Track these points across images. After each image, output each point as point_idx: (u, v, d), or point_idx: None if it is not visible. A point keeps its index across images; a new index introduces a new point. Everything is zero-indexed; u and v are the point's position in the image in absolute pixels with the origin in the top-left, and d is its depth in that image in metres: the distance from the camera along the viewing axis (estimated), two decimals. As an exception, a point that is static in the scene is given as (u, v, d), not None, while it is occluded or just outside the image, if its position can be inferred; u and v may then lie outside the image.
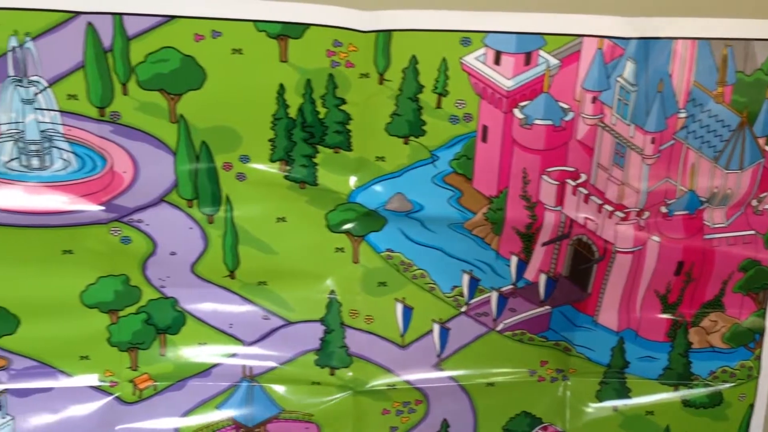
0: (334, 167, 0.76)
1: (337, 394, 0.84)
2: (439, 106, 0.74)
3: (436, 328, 0.83)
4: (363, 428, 0.86)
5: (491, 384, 0.86)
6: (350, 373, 0.83)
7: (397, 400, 0.85)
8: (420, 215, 0.78)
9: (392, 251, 0.80)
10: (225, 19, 0.68)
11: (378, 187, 0.77)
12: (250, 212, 0.77)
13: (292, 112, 0.73)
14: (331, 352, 0.83)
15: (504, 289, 0.82)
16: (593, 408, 0.87)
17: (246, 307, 0.81)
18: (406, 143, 0.75)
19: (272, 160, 0.75)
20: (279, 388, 0.84)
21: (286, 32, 0.69)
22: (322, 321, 0.82)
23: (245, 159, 0.74)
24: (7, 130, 0.69)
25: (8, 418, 0.80)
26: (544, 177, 0.77)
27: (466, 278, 0.82)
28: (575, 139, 0.76)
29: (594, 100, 0.74)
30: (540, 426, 0.86)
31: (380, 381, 0.84)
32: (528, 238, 0.80)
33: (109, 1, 0.65)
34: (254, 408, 0.83)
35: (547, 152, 0.76)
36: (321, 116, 0.73)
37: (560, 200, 0.78)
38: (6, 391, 0.80)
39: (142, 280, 0.78)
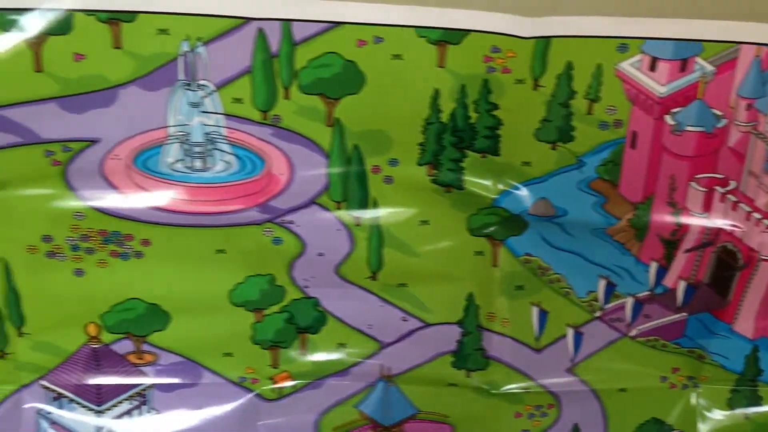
0: (480, 171, 0.77)
1: (473, 396, 0.85)
2: (589, 112, 0.74)
3: (570, 332, 0.84)
4: (496, 431, 0.85)
5: (623, 389, 0.86)
6: (486, 376, 0.83)
7: (529, 403, 0.85)
8: (562, 220, 0.79)
9: (531, 255, 0.81)
10: (388, 25, 0.69)
11: (522, 192, 0.78)
12: (395, 215, 0.78)
13: (444, 117, 0.74)
14: (467, 355, 0.84)
15: (640, 295, 0.82)
16: (723, 416, 0.87)
17: (385, 309, 0.82)
18: (553, 149, 0.76)
19: (420, 164, 0.76)
20: (415, 389, 0.85)
21: (446, 38, 0.70)
22: (459, 323, 0.82)
23: (394, 162, 0.76)
24: (174, 132, 0.71)
25: (153, 412, 0.82)
26: (692, 184, 0.77)
27: (602, 283, 0.82)
28: (726, 146, 0.75)
29: (749, 107, 0.74)
30: (670, 433, 0.86)
31: (515, 384, 0.85)
32: (671, 244, 0.80)
33: (280, 8, 0.67)
34: (391, 408, 0.84)
35: (697, 159, 0.76)
36: (472, 121, 0.74)
37: (707, 207, 0.78)
38: (153, 385, 0.81)
39: (287, 280, 0.79)
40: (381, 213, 0.78)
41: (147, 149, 0.72)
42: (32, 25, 0.65)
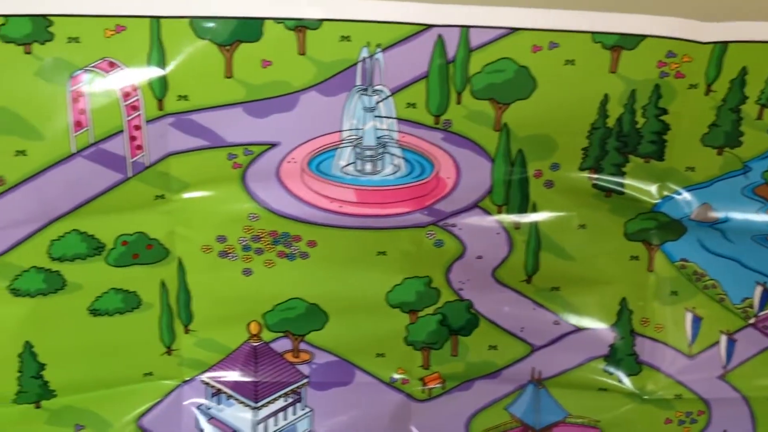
0: (642, 176, 0.77)
1: (624, 402, 0.84)
2: (759, 117, 0.74)
3: (723, 339, 0.83)
4: (646, 436, 0.85)
5: (774, 397, 0.84)
6: (638, 381, 0.83)
7: (680, 409, 0.85)
8: (723, 226, 0.79)
9: (686, 261, 0.80)
10: (564, 31, 0.69)
11: (684, 197, 0.78)
12: (553, 219, 0.78)
13: (610, 122, 0.74)
14: (620, 359, 0.84)
15: (797, 302, 0.81)
16: None
17: (538, 312, 0.82)
18: (719, 154, 0.76)
19: (581, 169, 0.76)
20: (566, 393, 0.85)
21: (622, 43, 0.70)
22: (612, 328, 0.82)
23: (555, 167, 0.76)
24: (348, 136, 0.73)
25: (307, 410, 0.84)
26: None
27: (758, 290, 0.81)
28: None
29: None
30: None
31: (667, 390, 0.84)
32: (834, 252, 0.79)
33: (460, 15, 0.68)
34: (541, 411, 0.85)
35: None
36: (638, 126, 0.74)
37: None
38: (308, 383, 0.82)
39: (443, 282, 0.80)
40: (540, 217, 0.79)
41: (321, 153, 0.74)
42: (226, 32, 0.66)
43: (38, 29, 0.64)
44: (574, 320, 0.83)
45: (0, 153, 0.67)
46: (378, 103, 0.72)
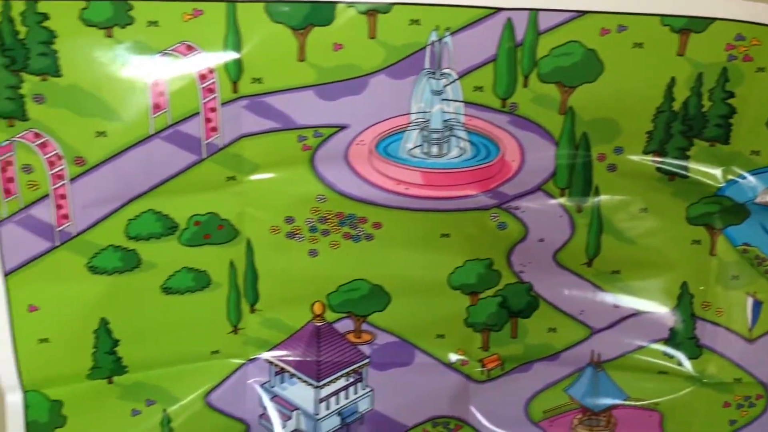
0: (706, 160, 0.77)
1: (684, 385, 0.85)
2: (828, 100, 0.73)
3: (784, 323, 0.83)
4: (704, 420, 0.86)
5: (834, 381, 0.84)
6: (698, 365, 0.83)
7: (739, 393, 0.85)
8: (787, 210, 0.78)
9: (749, 245, 0.80)
10: (633, 14, 0.70)
11: (749, 181, 0.78)
12: (616, 202, 0.79)
13: (676, 106, 0.74)
14: (680, 343, 0.84)
15: None
16: None
17: (598, 295, 0.82)
18: (785, 138, 0.75)
19: (645, 152, 0.77)
20: (625, 376, 0.85)
21: (690, 26, 0.70)
22: (673, 311, 0.82)
23: (619, 150, 0.76)
24: (415, 119, 0.74)
25: (368, 389, 0.85)
26: None
27: (820, 274, 0.81)
28: None
29: None
30: None
31: (726, 374, 0.85)
32: None
33: (530, -2, 0.69)
34: (600, 393, 0.85)
35: None
36: (704, 110, 0.74)
37: None
38: (369, 363, 0.84)
39: (503, 265, 0.81)
40: (602, 200, 0.79)
41: (389, 135, 0.75)
42: (299, 16, 0.68)
43: (119, 13, 0.66)
44: (634, 304, 0.83)
45: (81, 134, 0.69)
46: (446, 86, 0.73)
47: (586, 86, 0.73)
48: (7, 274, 0.72)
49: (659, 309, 0.84)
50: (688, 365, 0.85)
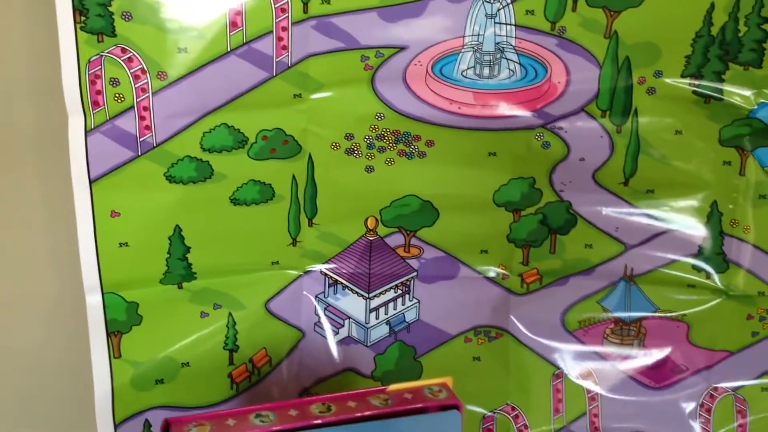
0: (740, 83, 0.82)
1: (711, 297, 0.90)
2: None
3: (807, 240, 0.88)
4: (728, 331, 0.92)
5: None
6: (725, 279, 0.89)
7: (762, 306, 0.90)
8: (816, 132, 0.83)
9: (777, 166, 0.85)
10: (676, -58, 0.74)
11: (780, 104, 0.82)
12: (653, 124, 0.84)
13: (714, 30, 0.79)
14: (708, 258, 0.89)
15: None
16: None
17: (633, 213, 0.88)
18: (816, 61, 0.80)
19: (683, 76, 0.82)
20: (656, 289, 0.91)
21: (730, -47, 0.75)
22: (703, 228, 0.88)
23: (658, 74, 0.81)
24: (470, 41, 0.79)
25: (415, 301, 0.91)
26: None
27: (843, 193, 0.86)
28: None
29: None
30: None
31: (751, 287, 0.90)
32: None
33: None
34: (632, 305, 0.91)
35: None
36: (740, 34, 0.79)
37: None
38: (416, 276, 0.90)
39: (545, 183, 0.86)
40: (641, 121, 0.84)
41: (444, 57, 0.80)
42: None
43: (200, -64, 0.71)
44: (667, 221, 0.88)
45: (164, 50, 0.74)
46: (499, 10, 0.78)
47: (631, 11, 0.78)
48: (92, 182, 0.77)
49: (690, 226, 0.89)
50: (716, 278, 0.90)
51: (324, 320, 0.90)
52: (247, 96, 0.77)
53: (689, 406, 0.92)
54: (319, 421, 0.59)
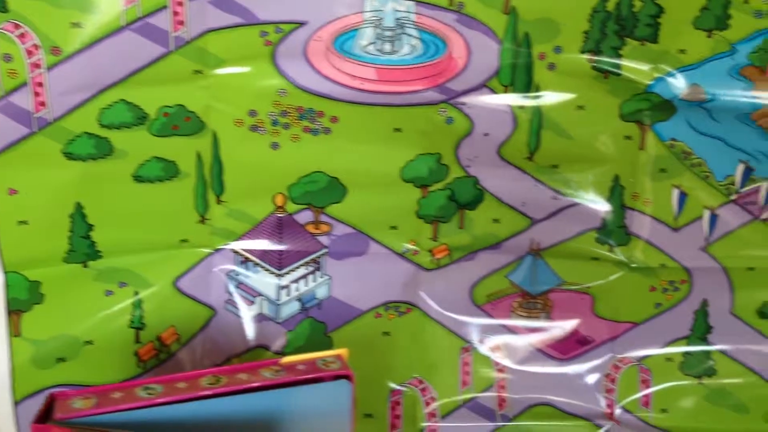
0: (637, 58, 0.84)
1: (614, 270, 0.93)
2: (746, 1, 0.81)
3: (707, 214, 0.91)
4: (631, 302, 0.94)
5: (751, 268, 0.93)
6: (627, 251, 0.91)
7: (664, 278, 0.93)
8: (710, 105, 0.86)
9: (675, 140, 0.88)
10: None
11: (676, 78, 0.85)
12: (555, 99, 0.85)
13: (610, 6, 0.81)
14: (610, 231, 0.92)
15: (775, 179, 0.89)
16: None
17: (538, 188, 0.90)
18: (709, 36, 0.83)
19: (582, 51, 0.83)
20: (561, 262, 0.93)
21: (623, -72, 0.76)
22: (605, 202, 0.90)
23: (558, 50, 0.83)
24: (370, 17, 0.79)
25: (326, 277, 0.92)
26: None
27: (740, 168, 0.89)
28: None
29: None
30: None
31: (652, 259, 0.92)
32: (813, 128, 0.86)
33: None
34: (538, 278, 0.93)
35: None
36: (635, 9, 0.81)
37: None
38: (326, 253, 0.90)
39: (452, 159, 0.88)
40: (542, 97, 0.85)
41: (345, 32, 0.81)
42: None
43: None
44: (571, 195, 0.90)
45: (57, 25, 0.73)
46: (398, -15, 0.78)
47: (528, -14, 0.79)
48: (-13, 159, 0.75)
49: (593, 200, 0.91)
50: (618, 251, 0.92)
51: (237, 297, 0.90)
52: (144, 71, 0.77)
53: (595, 377, 0.93)
54: (207, 393, 0.59)
